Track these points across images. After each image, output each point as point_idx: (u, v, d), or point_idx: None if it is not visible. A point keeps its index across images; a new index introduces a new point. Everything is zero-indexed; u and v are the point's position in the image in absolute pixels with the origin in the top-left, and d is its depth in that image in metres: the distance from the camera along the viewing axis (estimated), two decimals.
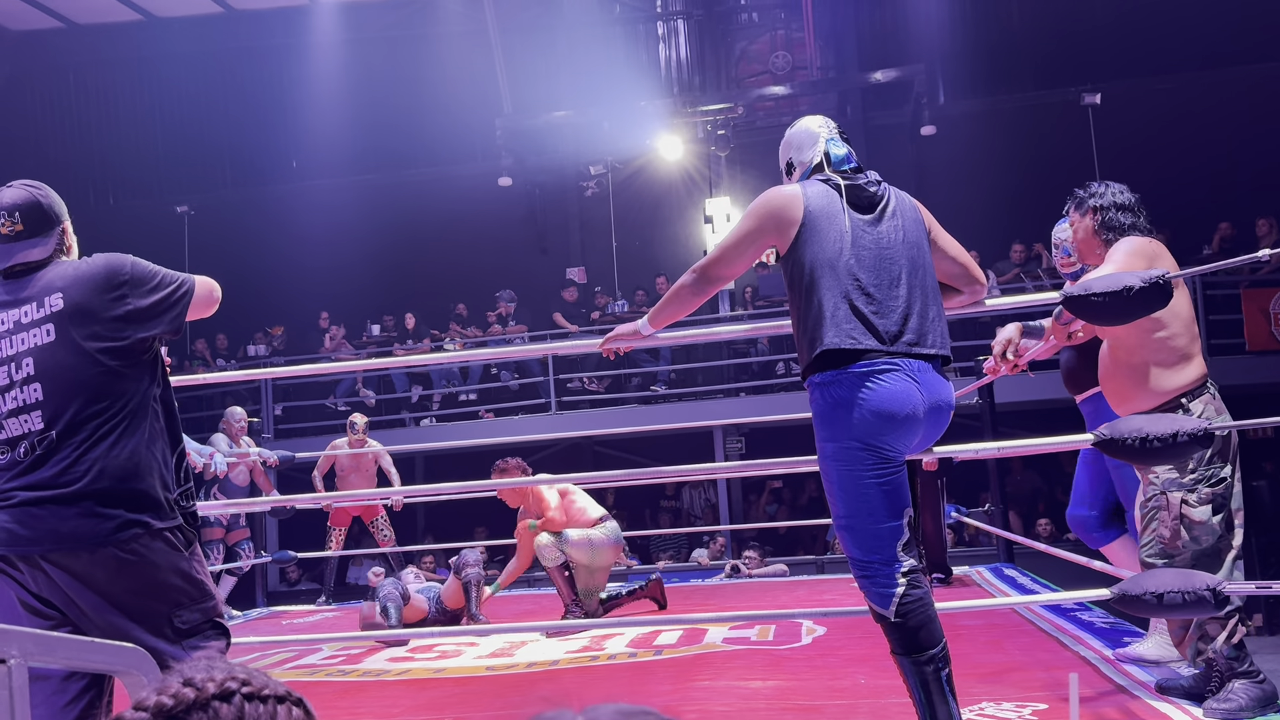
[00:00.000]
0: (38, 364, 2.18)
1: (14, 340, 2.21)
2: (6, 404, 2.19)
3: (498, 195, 12.10)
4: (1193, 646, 2.90)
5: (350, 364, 4.74)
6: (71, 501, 2.12)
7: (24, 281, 2.25)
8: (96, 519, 2.11)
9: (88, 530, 2.10)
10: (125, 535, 2.12)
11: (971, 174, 11.03)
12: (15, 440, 2.18)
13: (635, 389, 11.03)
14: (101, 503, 2.12)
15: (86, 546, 2.10)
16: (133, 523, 2.14)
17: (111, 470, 2.15)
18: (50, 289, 2.22)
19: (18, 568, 2.14)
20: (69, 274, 2.24)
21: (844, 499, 2.45)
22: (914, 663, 2.40)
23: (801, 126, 2.78)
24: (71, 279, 2.23)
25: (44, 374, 2.18)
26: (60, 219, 2.34)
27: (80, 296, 2.20)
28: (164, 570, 2.16)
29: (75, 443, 2.15)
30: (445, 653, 4.58)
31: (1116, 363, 3.06)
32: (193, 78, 13.17)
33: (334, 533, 7.72)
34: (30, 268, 2.26)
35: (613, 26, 12.70)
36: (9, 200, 2.28)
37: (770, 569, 7.83)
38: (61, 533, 2.10)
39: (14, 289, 2.25)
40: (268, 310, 12.06)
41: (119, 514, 2.13)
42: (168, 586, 2.16)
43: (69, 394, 2.17)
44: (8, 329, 2.22)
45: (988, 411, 5.73)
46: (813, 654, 4.00)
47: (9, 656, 1.11)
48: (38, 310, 2.21)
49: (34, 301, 2.21)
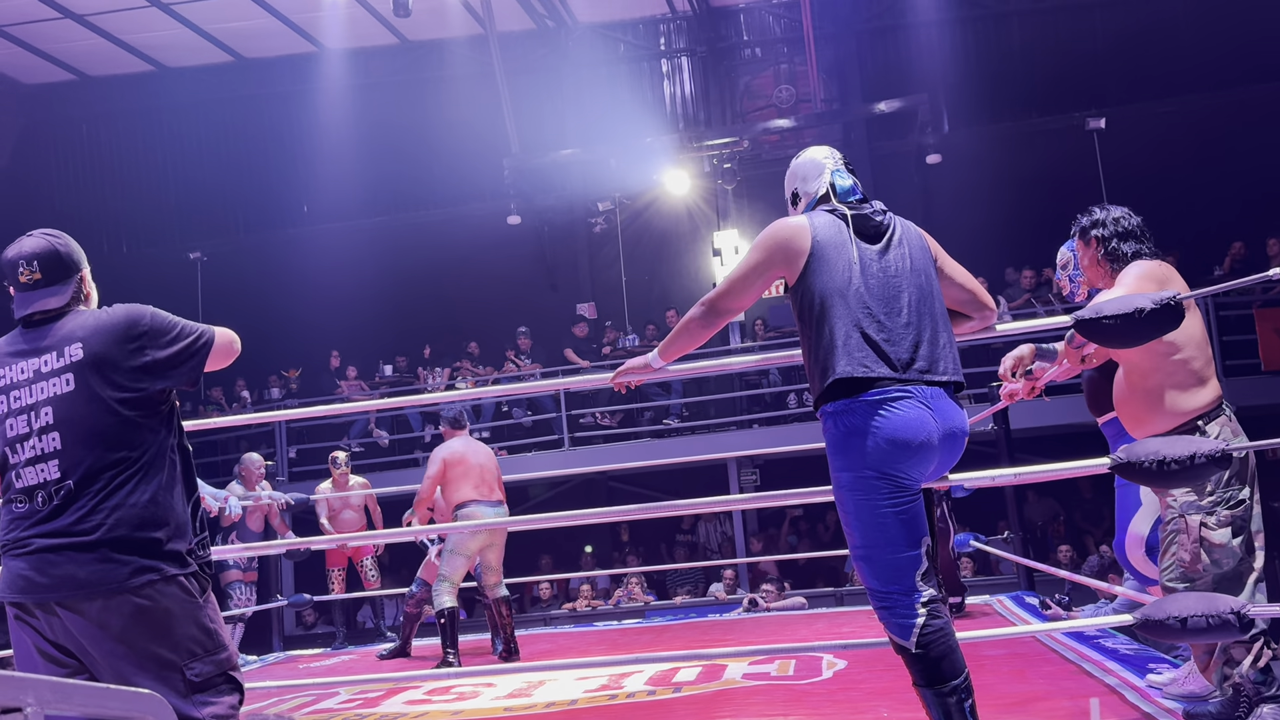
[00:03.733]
0: (56, 413, 2.19)
1: (33, 389, 2.22)
2: (25, 453, 2.20)
3: (507, 234, 12.18)
4: (1218, 671, 2.86)
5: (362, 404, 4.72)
6: (88, 549, 2.12)
7: (43, 330, 2.27)
8: (113, 565, 2.11)
9: (104, 576, 2.10)
10: (140, 581, 2.12)
11: (978, 201, 11.05)
12: (33, 490, 2.19)
13: (648, 423, 11.01)
14: (118, 549, 2.13)
15: (102, 593, 2.10)
16: (148, 569, 2.14)
17: (128, 519, 2.15)
18: (70, 339, 2.23)
19: (35, 615, 2.14)
20: (89, 324, 2.25)
21: (860, 529, 2.44)
22: (937, 694, 2.37)
23: (807, 157, 2.79)
24: (91, 329, 2.24)
25: (62, 423, 2.19)
26: (78, 267, 2.36)
27: (100, 346, 2.21)
28: (178, 618, 2.15)
29: (92, 491, 2.16)
30: (463, 694, 4.54)
31: (1131, 386, 3.04)
32: (204, 126, 13.35)
33: (333, 574, 7.72)
34: (49, 316, 2.28)
35: (617, 65, 12.84)
36: (28, 249, 2.30)
37: (788, 602, 7.76)
38: (78, 578, 2.10)
39: (33, 338, 2.26)
40: (282, 354, 12.12)
41: (134, 560, 2.13)
42: (181, 635, 2.15)
43: (87, 443, 2.18)
44: (27, 378, 2.23)
45: (1004, 438, 5.69)
46: (834, 688, 3.96)
47: (25, 705, 1.11)
48: (57, 360, 2.22)
49: (54, 351, 2.23)
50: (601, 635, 6.62)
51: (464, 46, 12.59)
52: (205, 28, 12.16)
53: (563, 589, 10.27)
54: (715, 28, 12.69)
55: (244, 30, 12.32)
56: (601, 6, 12.50)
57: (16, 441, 2.22)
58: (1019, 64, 12.11)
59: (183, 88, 13.06)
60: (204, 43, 12.47)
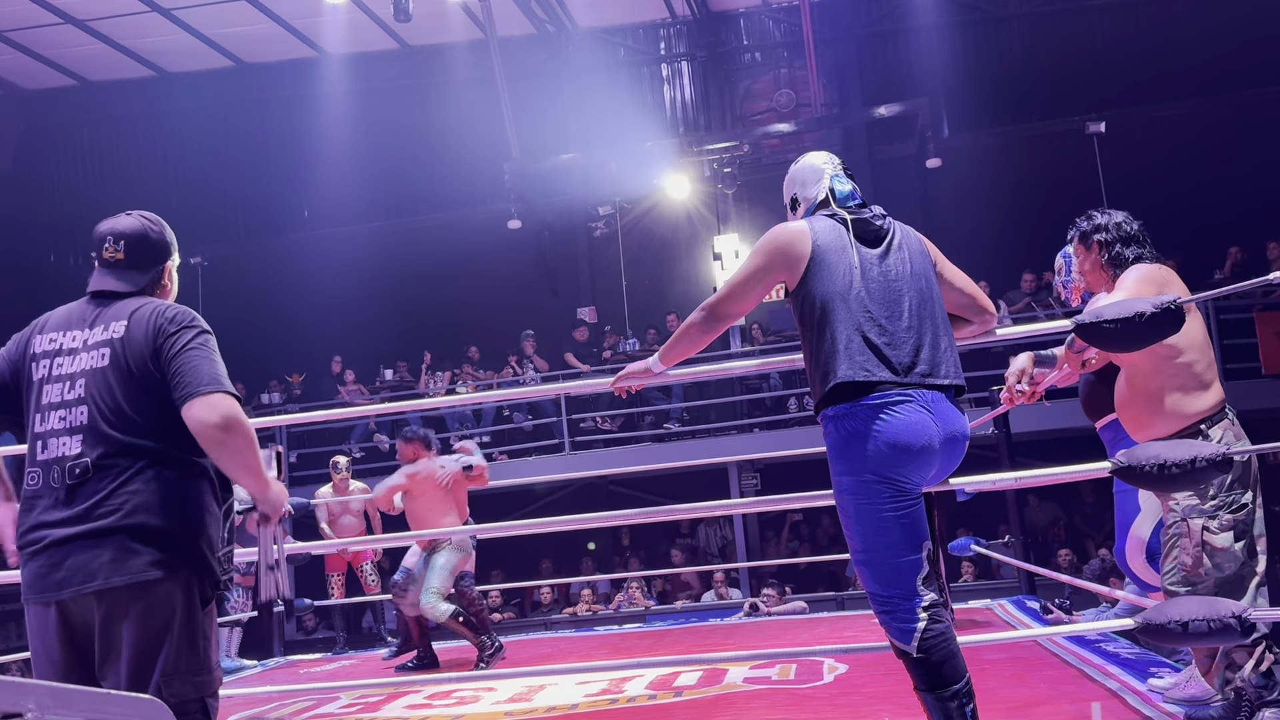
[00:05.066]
0: (88, 386, 2.14)
1: (76, 359, 2.18)
2: (52, 422, 2.15)
3: (507, 238, 12.19)
4: (1220, 675, 2.86)
5: (361, 409, 4.74)
6: (103, 536, 2.04)
7: (105, 304, 2.24)
8: (126, 555, 2.03)
9: (115, 568, 2.03)
10: (154, 576, 2.04)
11: (978, 205, 11.06)
12: (49, 464, 2.12)
13: (649, 427, 11.01)
14: (136, 538, 2.04)
15: (112, 585, 2.02)
16: (163, 563, 2.05)
17: (148, 505, 2.07)
18: (119, 315, 2.20)
19: (52, 609, 2.08)
20: (145, 306, 2.22)
21: (861, 533, 2.43)
22: (938, 699, 2.37)
23: (806, 163, 2.79)
24: (143, 310, 2.20)
25: (92, 398, 2.13)
26: (164, 256, 2.33)
27: (139, 328, 2.17)
28: (176, 627, 2.06)
29: (112, 474, 2.08)
30: (463, 699, 4.53)
31: (1134, 390, 3.03)
32: (205, 131, 13.36)
33: (333, 579, 7.72)
34: (118, 295, 2.25)
35: (617, 70, 12.86)
36: (120, 227, 2.29)
37: (789, 606, 7.75)
38: (91, 569, 2.03)
39: (93, 309, 2.24)
40: (282, 358, 12.12)
41: (150, 552, 2.04)
42: (173, 646, 2.05)
43: (112, 423, 2.11)
44: (74, 348, 2.19)
45: (1005, 442, 5.69)
46: (835, 692, 3.95)
47: (26, 710, 1.10)
48: (103, 333, 2.19)
49: (102, 325, 2.20)
50: (602, 639, 6.61)
51: (464, 51, 12.61)
52: (206, 33, 12.18)
53: (563, 593, 10.26)
54: (715, 32, 12.71)
55: (245, 35, 12.34)
56: (601, 11, 12.53)
57: (49, 409, 2.16)
58: (1019, 68, 12.12)
59: (184, 93, 13.08)
60: (205, 48, 12.50)
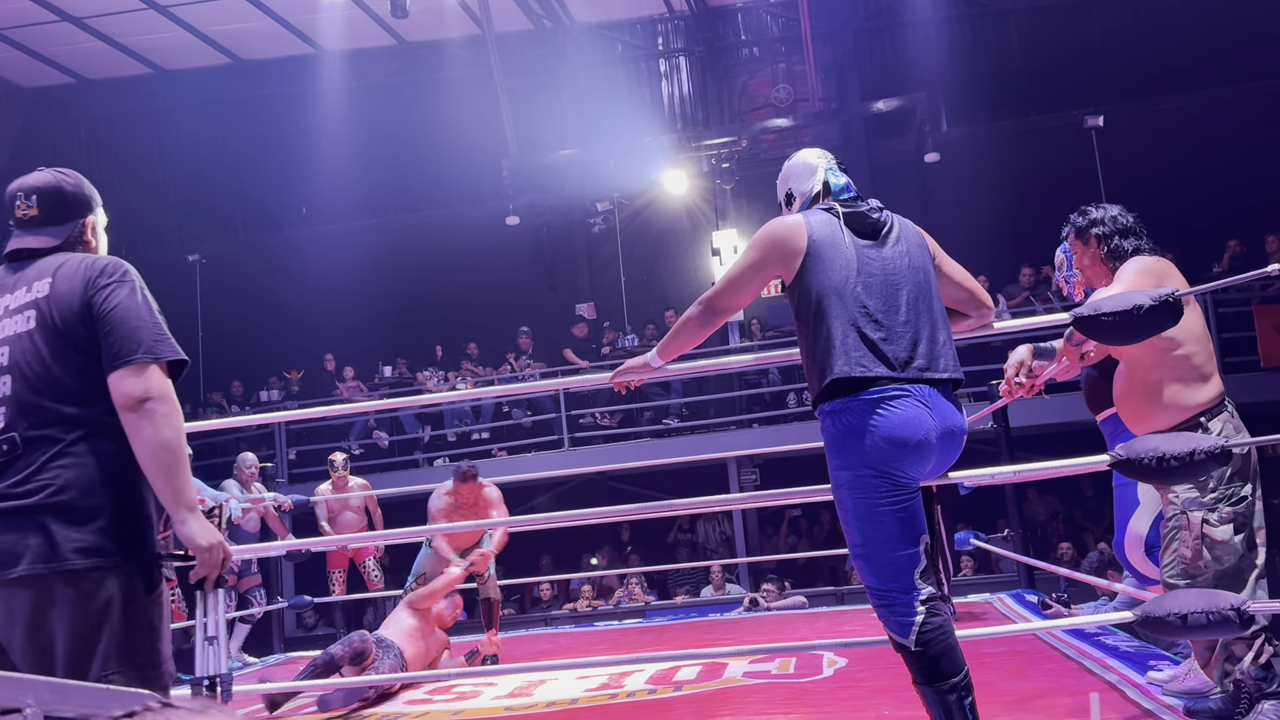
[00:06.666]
0: (12, 354, 1.94)
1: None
2: None
3: (506, 234, 12.18)
4: (1219, 668, 2.86)
5: (360, 405, 4.72)
6: (25, 515, 1.84)
7: (23, 266, 2.04)
8: (54, 538, 1.82)
9: (42, 552, 1.82)
10: (82, 564, 1.83)
11: (977, 199, 11.05)
12: None
13: (648, 423, 11.01)
14: (62, 518, 1.84)
15: (36, 569, 1.82)
16: (94, 549, 1.84)
17: (78, 483, 1.87)
18: (42, 274, 2.00)
19: None
20: (69, 263, 2.02)
21: (859, 527, 2.44)
22: (936, 692, 2.37)
23: (799, 159, 2.80)
24: (67, 266, 2.00)
25: (15, 366, 1.93)
26: (84, 211, 2.14)
27: (66, 284, 1.97)
28: (114, 617, 1.85)
29: (43, 446, 1.88)
30: (463, 694, 4.54)
31: (1133, 382, 3.03)
32: (202, 128, 13.34)
33: (334, 575, 7.72)
34: (36, 254, 2.05)
35: (615, 65, 12.84)
36: (30, 183, 2.10)
37: (789, 601, 7.76)
38: (15, 552, 1.82)
39: (11, 274, 2.04)
40: (280, 355, 12.11)
41: (79, 535, 1.84)
42: (112, 639, 1.84)
43: (40, 391, 1.91)
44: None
45: (1003, 436, 5.69)
46: (835, 686, 3.96)
47: (24, 705, 1.10)
48: (26, 294, 1.98)
49: (24, 286, 2.00)
50: (602, 635, 6.62)
51: (462, 47, 12.59)
52: (203, 30, 12.16)
53: (563, 589, 10.27)
54: (713, 27, 12.69)
55: (242, 32, 12.32)
56: (599, 7, 12.51)
57: None
58: (1017, 62, 12.12)
59: (181, 90, 13.05)
60: (202, 45, 12.48)
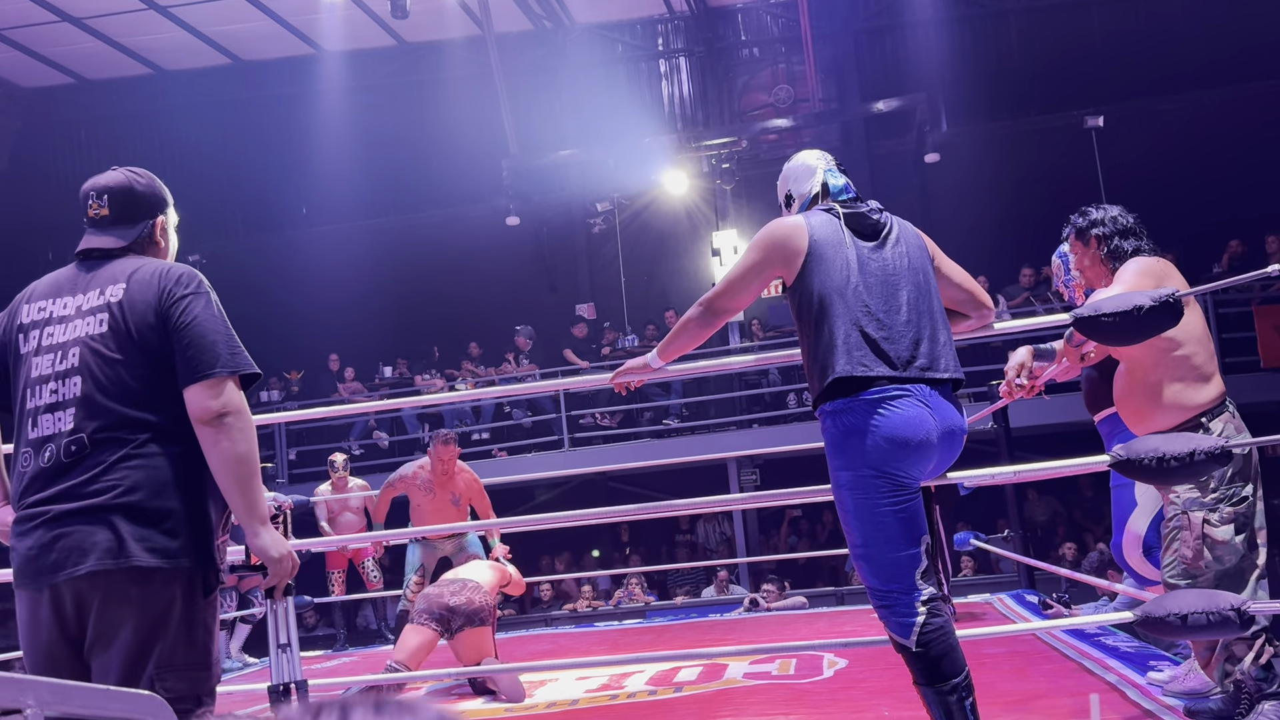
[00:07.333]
0: (82, 356, 1.96)
1: (68, 327, 1.99)
2: (44, 396, 1.96)
3: (506, 235, 12.18)
4: (1220, 668, 2.86)
5: (360, 405, 4.73)
6: (95, 514, 1.88)
7: (96, 266, 2.06)
8: (123, 537, 1.87)
9: (111, 550, 1.87)
10: (148, 563, 1.88)
11: (977, 199, 11.05)
12: (42, 443, 1.94)
13: (648, 423, 11.01)
14: (131, 518, 1.88)
15: (106, 568, 1.87)
16: (160, 550, 1.89)
17: (147, 483, 1.91)
18: (115, 278, 2.02)
19: (44, 591, 1.92)
20: (144, 266, 2.03)
21: (860, 528, 2.43)
22: (937, 692, 2.37)
23: (799, 160, 2.80)
24: (141, 268, 2.02)
25: (86, 367, 1.95)
26: (155, 211, 2.16)
27: (140, 290, 1.99)
28: (175, 618, 1.90)
29: (111, 448, 1.91)
30: (463, 694, 4.54)
31: (1134, 383, 3.03)
32: (202, 128, 13.33)
33: (333, 576, 7.73)
34: (108, 254, 2.07)
35: (615, 65, 12.84)
36: (102, 183, 2.12)
37: (789, 602, 7.76)
38: (84, 549, 1.87)
39: (83, 273, 2.06)
40: (281, 356, 12.11)
41: (148, 535, 1.89)
42: (170, 638, 1.90)
43: (109, 394, 1.94)
44: (66, 315, 2.01)
45: (1004, 436, 5.69)
46: (835, 687, 3.95)
47: (25, 706, 1.10)
48: (98, 297, 2.00)
49: (97, 288, 2.02)
50: (602, 635, 6.62)
51: (462, 48, 12.58)
52: (203, 30, 12.15)
53: (566, 589, 10.26)
54: (713, 28, 12.69)
55: (242, 33, 12.32)
56: (599, 7, 12.50)
57: (39, 383, 1.98)
58: (1017, 63, 12.11)
59: (181, 90, 13.05)
60: (202, 45, 12.47)
